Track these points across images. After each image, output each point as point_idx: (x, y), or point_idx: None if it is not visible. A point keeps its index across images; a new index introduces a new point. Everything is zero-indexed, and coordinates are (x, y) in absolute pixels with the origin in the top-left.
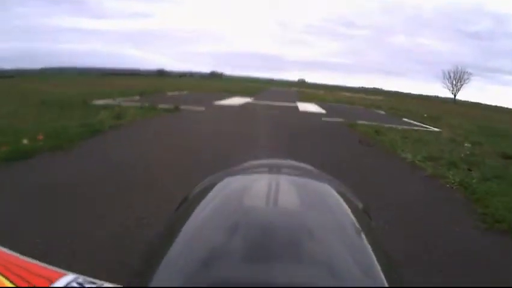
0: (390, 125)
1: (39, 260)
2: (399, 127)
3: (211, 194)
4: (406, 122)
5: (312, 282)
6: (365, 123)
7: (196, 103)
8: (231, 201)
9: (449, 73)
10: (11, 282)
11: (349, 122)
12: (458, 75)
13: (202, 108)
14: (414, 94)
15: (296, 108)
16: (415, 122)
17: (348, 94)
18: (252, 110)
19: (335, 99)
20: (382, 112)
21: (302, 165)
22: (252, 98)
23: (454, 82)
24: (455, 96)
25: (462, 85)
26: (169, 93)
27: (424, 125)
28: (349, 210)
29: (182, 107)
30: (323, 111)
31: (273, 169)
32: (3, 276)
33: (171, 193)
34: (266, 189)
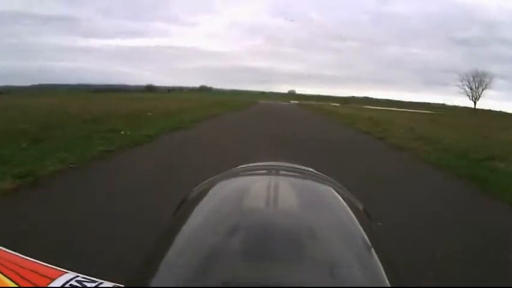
0: None
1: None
2: None
3: (211, 196)
4: None
5: (313, 283)
6: None
7: None
8: (231, 203)
9: (468, 77)
10: (12, 280)
11: None
12: (479, 79)
13: None
14: (405, 102)
15: None
16: None
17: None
18: None
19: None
20: None
21: (303, 167)
22: None
23: (474, 87)
24: (475, 103)
25: (483, 90)
26: None
27: None
28: (350, 212)
29: None
30: None
31: (273, 171)
32: (4, 275)
33: None
34: (266, 191)
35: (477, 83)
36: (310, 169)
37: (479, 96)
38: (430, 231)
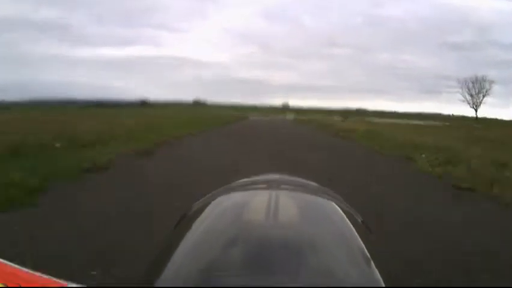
0: None
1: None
2: None
3: (211, 210)
4: None
5: None
6: None
7: None
8: (231, 217)
9: (467, 83)
10: None
11: None
12: (479, 85)
13: None
14: (400, 112)
15: None
16: None
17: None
18: None
19: None
20: None
21: (304, 180)
22: None
23: (475, 93)
24: (476, 111)
25: (484, 97)
26: None
27: None
28: (349, 224)
29: None
30: None
31: (274, 184)
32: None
33: None
34: (267, 204)
35: (477, 89)
36: (311, 182)
37: (480, 104)
38: None
